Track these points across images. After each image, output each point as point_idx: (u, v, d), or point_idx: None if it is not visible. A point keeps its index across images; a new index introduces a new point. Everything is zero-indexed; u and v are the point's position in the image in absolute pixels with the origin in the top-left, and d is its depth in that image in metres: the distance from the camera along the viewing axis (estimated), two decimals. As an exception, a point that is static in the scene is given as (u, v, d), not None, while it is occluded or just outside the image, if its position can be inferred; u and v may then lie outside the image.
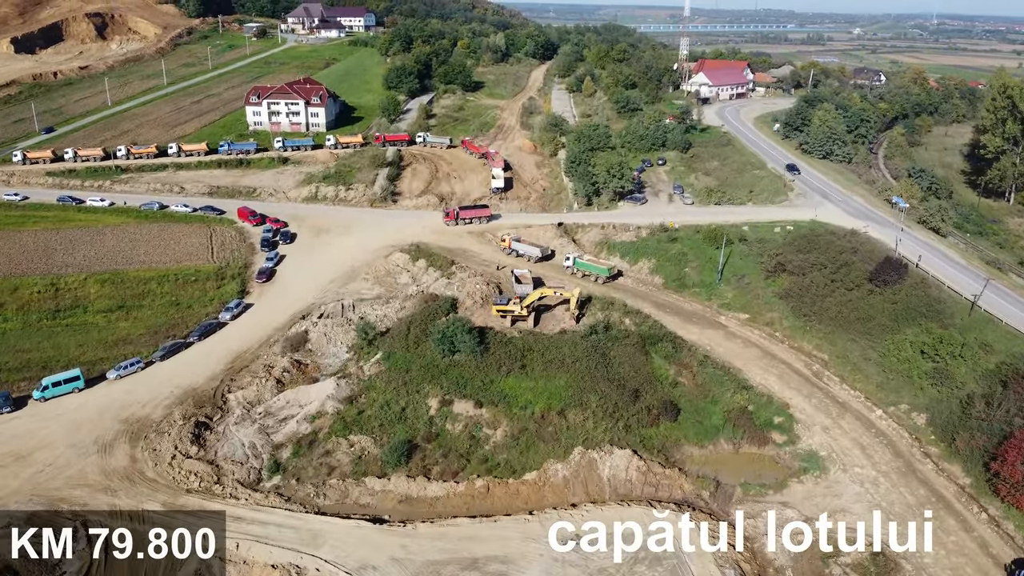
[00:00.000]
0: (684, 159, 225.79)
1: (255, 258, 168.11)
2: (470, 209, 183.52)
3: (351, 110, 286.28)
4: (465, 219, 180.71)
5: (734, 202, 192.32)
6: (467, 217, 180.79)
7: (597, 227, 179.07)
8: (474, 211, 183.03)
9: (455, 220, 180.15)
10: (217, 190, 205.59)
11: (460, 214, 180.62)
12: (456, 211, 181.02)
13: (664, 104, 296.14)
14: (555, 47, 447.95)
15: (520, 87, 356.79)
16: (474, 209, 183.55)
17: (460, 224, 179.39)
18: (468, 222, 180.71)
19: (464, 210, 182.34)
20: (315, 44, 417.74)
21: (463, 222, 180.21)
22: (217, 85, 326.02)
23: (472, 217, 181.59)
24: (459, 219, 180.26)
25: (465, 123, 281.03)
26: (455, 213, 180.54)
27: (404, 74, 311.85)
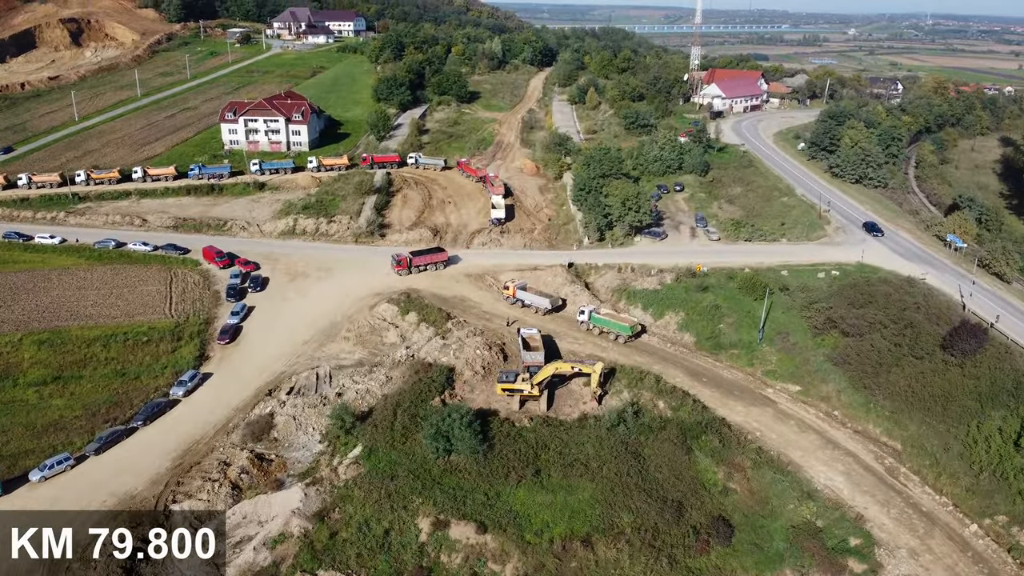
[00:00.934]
0: (703, 184, 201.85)
1: (219, 310, 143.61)
2: (424, 255, 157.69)
3: (337, 125, 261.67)
4: (419, 266, 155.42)
5: (766, 238, 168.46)
6: (421, 264, 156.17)
7: (613, 269, 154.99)
8: (429, 256, 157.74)
9: (408, 268, 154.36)
10: (183, 223, 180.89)
11: (414, 261, 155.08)
12: (408, 258, 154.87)
13: (675, 118, 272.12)
14: (553, 53, 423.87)
15: (518, 97, 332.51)
16: (428, 254, 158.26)
17: (414, 272, 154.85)
18: (423, 269, 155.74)
19: (418, 256, 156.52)
20: (301, 51, 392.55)
21: (417, 269, 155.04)
22: (194, 97, 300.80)
23: (427, 264, 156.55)
24: (412, 267, 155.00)
25: (461, 139, 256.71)
26: (407, 261, 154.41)
27: (395, 85, 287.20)
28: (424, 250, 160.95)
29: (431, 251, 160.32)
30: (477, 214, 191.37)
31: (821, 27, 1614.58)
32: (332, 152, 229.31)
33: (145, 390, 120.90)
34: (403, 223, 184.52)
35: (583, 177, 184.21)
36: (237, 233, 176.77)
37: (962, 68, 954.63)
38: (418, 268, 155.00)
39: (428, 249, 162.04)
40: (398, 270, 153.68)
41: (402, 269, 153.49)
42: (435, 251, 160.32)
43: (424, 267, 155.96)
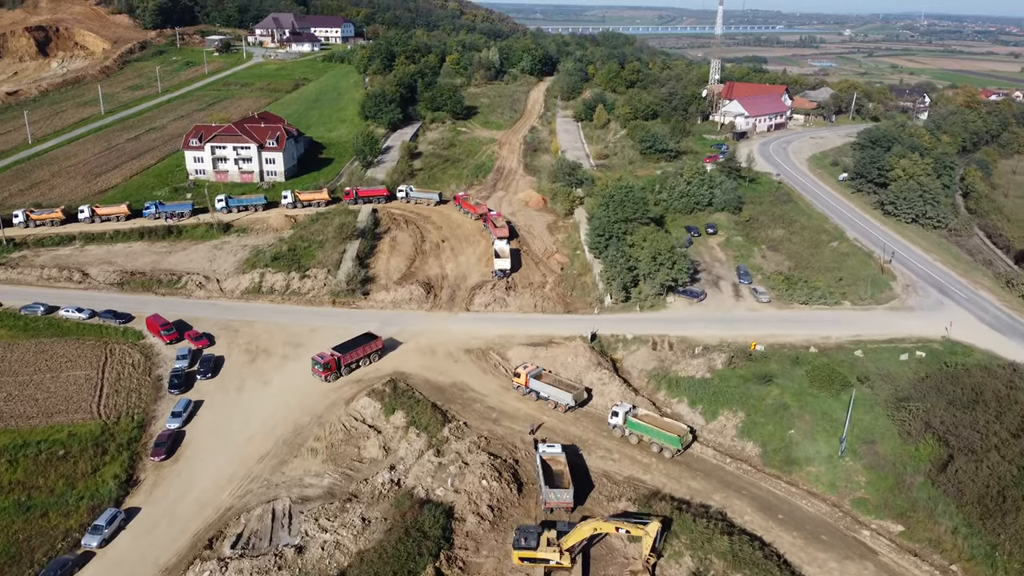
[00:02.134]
0: (739, 224, 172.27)
1: (159, 407, 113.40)
2: (354, 348, 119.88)
3: (319, 149, 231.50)
4: (349, 363, 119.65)
5: (826, 300, 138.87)
6: (352, 360, 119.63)
7: (645, 345, 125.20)
8: (360, 350, 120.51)
9: (336, 371, 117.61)
10: (130, 278, 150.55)
11: (344, 359, 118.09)
12: (336, 359, 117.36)
13: (694, 140, 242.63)
14: (554, 61, 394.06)
15: (518, 112, 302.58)
16: (358, 347, 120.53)
17: (346, 372, 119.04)
18: (355, 366, 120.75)
19: (347, 351, 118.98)
20: (284, 60, 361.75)
21: (348, 368, 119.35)
22: (163, 114, 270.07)
23: (359, 359, 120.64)
24: (342, 368, 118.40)
25: (457, 165, 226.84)
26: (335, 362, 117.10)
27: (383, 102, 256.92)
28: (353, 341, 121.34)
29: (361, 341, 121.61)
30: (477, 261, 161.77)
31: (816, 28, 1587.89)
32: (311, 183, 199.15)
33: (52, 535, 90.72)
34: (390, 275, 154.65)
35: (602, 221, 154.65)
36: (192, 292, 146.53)
37: (963, 71, 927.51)
38: (349, 367, 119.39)
39: (357, 339, 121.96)
40: (324, 375, 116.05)
41: (329, 374, 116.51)
42: (368, 339, 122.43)
43: (356, 363, 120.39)
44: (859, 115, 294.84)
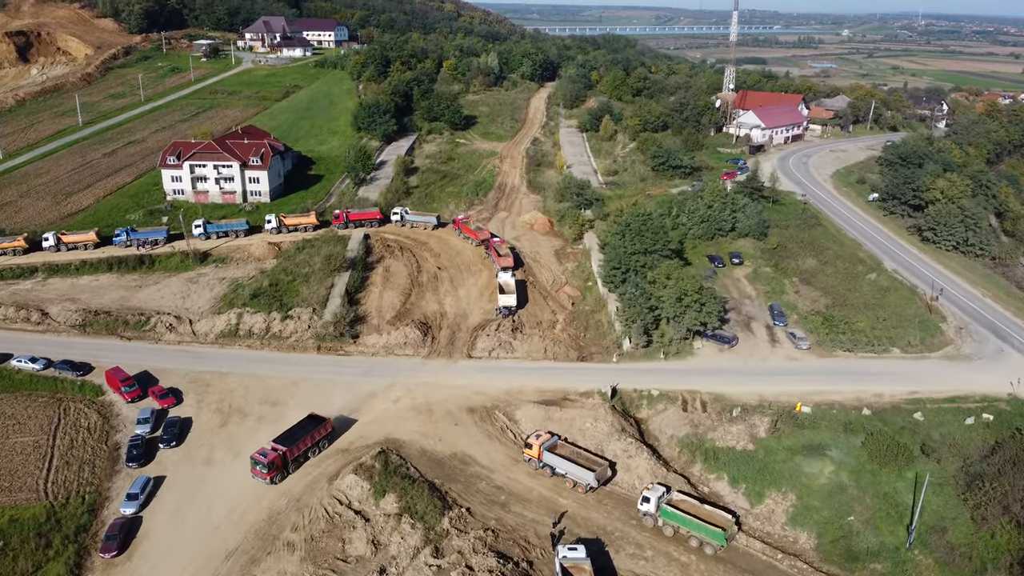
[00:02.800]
0: (766, 253, 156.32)
1: (115, 484, 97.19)
2: (301, 439, 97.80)
3: (308, 164, 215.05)
4: (298, 456, 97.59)
5: (873, 347, 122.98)
6: (299, 453, 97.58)
7: (674, 404, 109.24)
8: (307, 439, 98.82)
9: (283, 470, 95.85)
10: (94, 319, 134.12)
11: (290, 453, 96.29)
12: (282, 455, 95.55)
13: (707, 154, 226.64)
14: (555, 66, 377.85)
15: (519, 121, 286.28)
16: (306, 436, 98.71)
17: (294, 469, 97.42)
18: (303, 458, 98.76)
19: (295, 444, 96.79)
20: (275, 66, 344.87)
21: (296, 464, 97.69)
22: (144, 126, 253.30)
23: (306, 450, 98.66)
24: (289, 466, 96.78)
25: (456, 181, 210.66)
26: (280, 459, 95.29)
27: (377, 113, 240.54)
28: (298, 428, 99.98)
29: (307, 428, 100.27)
30: (480, 295, 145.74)
31: (814, 28, 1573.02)
32: (298, 204, 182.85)
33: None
34: (383, 313, 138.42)
35: (618, 252, 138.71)
36: (162, 335, 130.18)
37: (964, 72, 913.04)
38: (297, 461, 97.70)
39: (302, 426, 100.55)
40: (268, 477, 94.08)
41: (275, 475, 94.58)
42: (312, 425, 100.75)
43: (305, 455, 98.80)
44: (877, 124, 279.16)
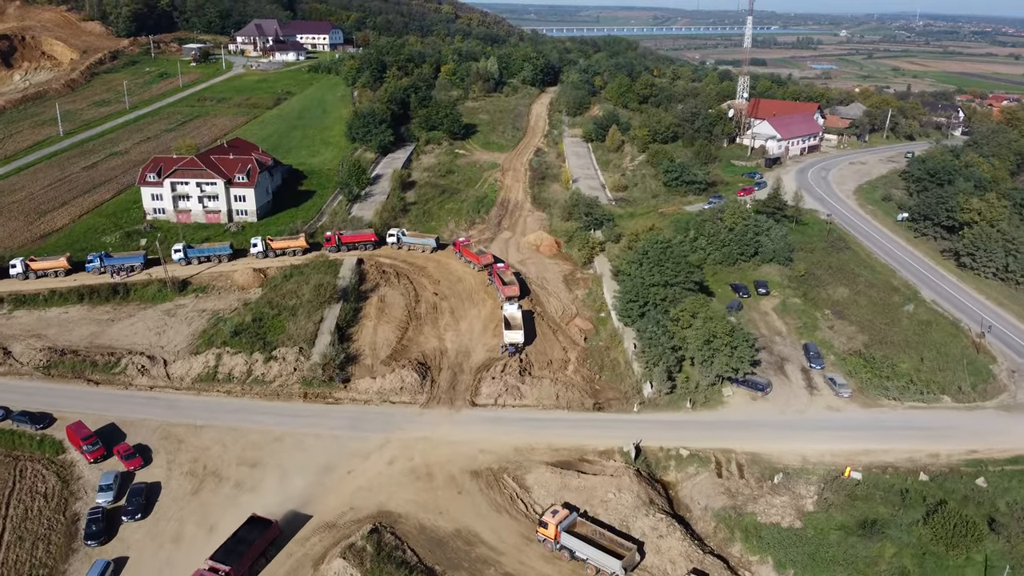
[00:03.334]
0: (793, 281, 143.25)
1: (71, 567, 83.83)
2: (245, 552, 79.91)
3: (299, 179, 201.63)
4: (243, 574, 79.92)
5: (923, 394, 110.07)
6: (244, 572, 79.55)
7: (707, 467, 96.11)
8: (252, 550, 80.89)
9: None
10: (60, 359, 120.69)
11: (234, 574, 78.00)
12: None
13: (720, 166, 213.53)
14: (556, 71, 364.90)
15: (521, 129, 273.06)
16: (251, 547, 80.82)
17: None
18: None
19: (239, 560, 78.77)
20: (267, 71, 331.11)
21: None
22: (128, 136, 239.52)
23: (252, 565, 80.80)
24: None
25: (455, 197, 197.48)
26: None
27: (373, 123, 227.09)
28: (239, 538, 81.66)
29: (251, 536, 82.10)
30: (483, 329, 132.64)
31: (811, 28, 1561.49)
32: (287, 225, 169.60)
33: None
34: (377, 351, 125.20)
35: (636, 284, 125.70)
36: (133, 378, 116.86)
37: (965, 73, 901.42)
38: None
39: (244, 533, 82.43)
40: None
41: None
42: (257, 531, 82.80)
43: (251, 571, 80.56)
44: (893, 133, 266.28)
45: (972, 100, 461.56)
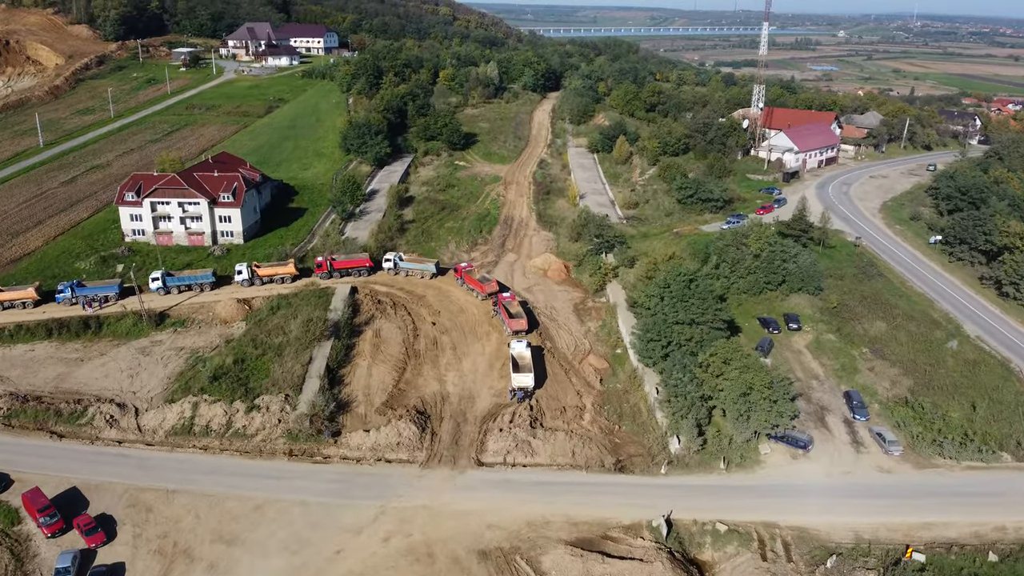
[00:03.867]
0: (825, 314, 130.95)
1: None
2: None
3: (289, 194, 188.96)
4: None
5: (981, 451, 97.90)
6: None
7: (749, 546, 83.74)
8: None
9: None
10: (23, 407, 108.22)
11: None
12: None
13: (736, 181, 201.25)
14: (557, 76, 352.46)
15: (523, 139, 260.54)
16: None
17: None
18: None
19: None
20: (259, 76, 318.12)
21: None
22: (111, 147, 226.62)
23: None
24: None
25: (456, 214, 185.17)
26: None
27: (368, 134, 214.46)
28: None
29: None
30: (488, 368, 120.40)
31: (809, 29, 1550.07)
32: (275, 248, 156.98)
33: None
34: (371, 397, 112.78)
35: (658, 321, 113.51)
36: (101, 431, 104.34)
37: (966, 75, 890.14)
38: None
39: None
40: None
41: None
42: None
43: None
44: (911, 143, 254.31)
45: (979, 104, 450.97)
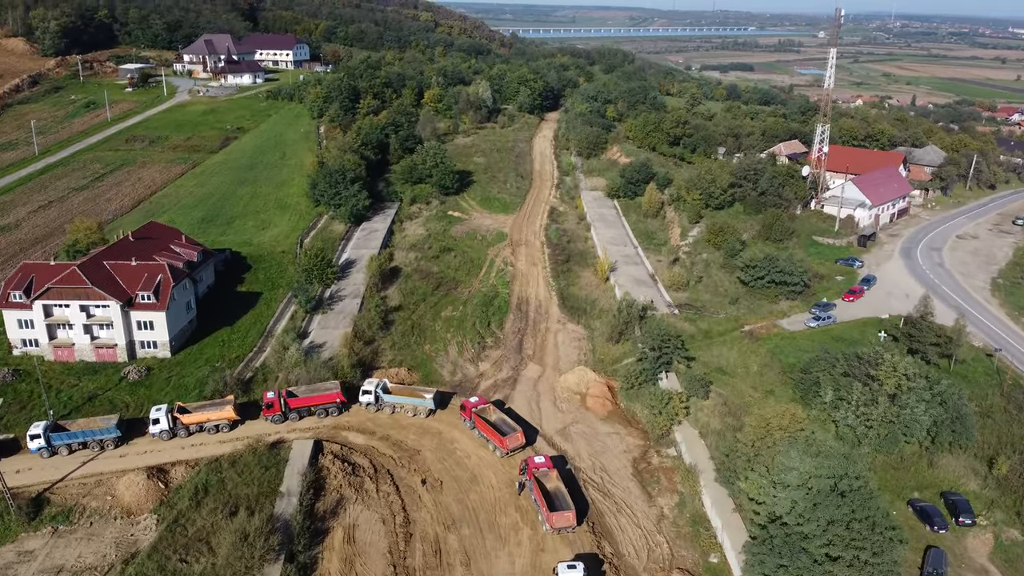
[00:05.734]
0: (996, 489, 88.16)
1: None
2: None
3: (242, 268, 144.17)
4: None
5: None
6: None
7: None
8: None
9: None
10: None
11: None
12: None
13: (800, 244, 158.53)
14: (556, 94, 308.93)
15: (526, 177, 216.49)
16: None
17: None
18: None
19: None
20: (216, 98, 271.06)
21: None
22: (26, 198, 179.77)
23: None
24: None
25: (454, 295, 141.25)
26: None
27: (343, 183, 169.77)
28: None
29: None
30: (520, 596, 76.99)
31: (789, 30, 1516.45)
32: (213, 365, 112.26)
33: None
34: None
35: (792, 548, 70.61)
36: None
37: (957, 79, 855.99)
38: None
39: None
40: None
41: None
42: None
43: None
44: (977, 183, 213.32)
45: (991, 115, 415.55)
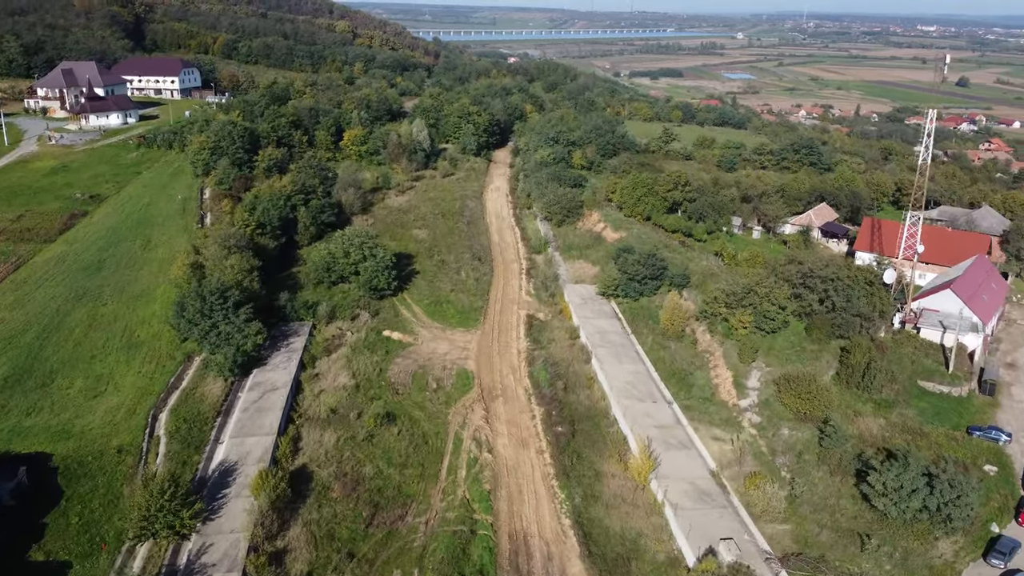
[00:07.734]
0: None
1: None
2: None
3: (47, 498, 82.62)
4: None
5: None
6: None
7: None
8: None
9: None
10: None
11: None
12: None
13: (907, 395, 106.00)
14: (503, 127, 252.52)
15: (484, 259, 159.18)
16: None
17: None
18: None
19: None
20: (72, 146, 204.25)
21: None
22: None
23: None
24: None
25: (396, 539, 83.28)
26: None
27: (222, 308, 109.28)
28: None
29: None
30: None
31: (706, 31, 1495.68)
32: None
33: None
34: None
35: None
36: None
37: (885, 82, 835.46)
38: None
39: None
40: None
41: None
42: None
43: None
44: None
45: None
